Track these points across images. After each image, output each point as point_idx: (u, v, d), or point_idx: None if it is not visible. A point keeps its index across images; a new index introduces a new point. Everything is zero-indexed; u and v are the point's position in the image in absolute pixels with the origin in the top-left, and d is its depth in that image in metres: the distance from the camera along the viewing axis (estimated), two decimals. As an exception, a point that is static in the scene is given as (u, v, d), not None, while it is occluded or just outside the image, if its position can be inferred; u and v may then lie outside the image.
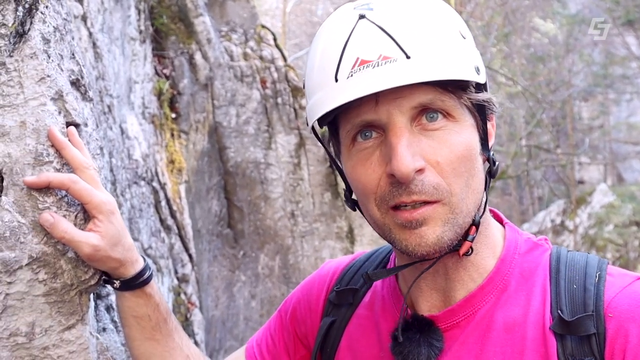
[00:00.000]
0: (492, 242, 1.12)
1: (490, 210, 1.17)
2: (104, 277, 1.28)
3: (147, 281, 1.27)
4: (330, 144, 1.17)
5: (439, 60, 0.99)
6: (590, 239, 19.09)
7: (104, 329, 1.51)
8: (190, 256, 3.78)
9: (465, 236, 1.06)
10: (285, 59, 4.93)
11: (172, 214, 3.56)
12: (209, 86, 4.19)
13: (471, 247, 1.07)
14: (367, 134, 1.06)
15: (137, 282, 1.26)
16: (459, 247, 1.06)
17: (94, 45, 2.36)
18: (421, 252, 1.03)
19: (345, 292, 1.26)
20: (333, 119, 1.08)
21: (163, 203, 3.36)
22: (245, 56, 4.53)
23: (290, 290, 4.92)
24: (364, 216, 1.13)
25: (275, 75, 4.67)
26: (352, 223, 4.90)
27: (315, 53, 1.09)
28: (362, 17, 1.01)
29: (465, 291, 1.11)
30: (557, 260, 1.09)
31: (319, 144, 4.99)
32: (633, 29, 18.99)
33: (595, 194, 20.24)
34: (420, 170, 1.00)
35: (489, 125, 1.10)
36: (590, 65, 20.66)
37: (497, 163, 1.08)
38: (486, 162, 1.10)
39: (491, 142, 1.10)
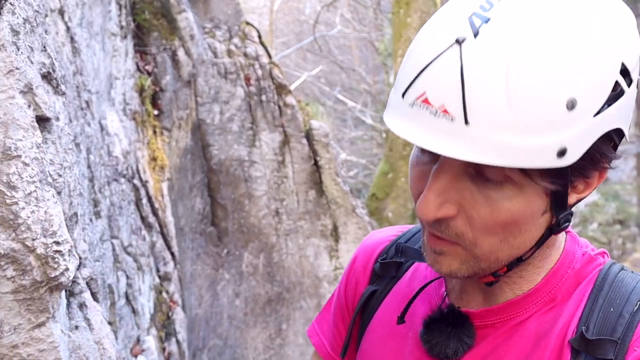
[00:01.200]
0: (550, 259, 1.07)
1: None
2: None
3: None
4: None
5: (502, 139, 0.84)
6: (575, 237, 19.20)
7: (77, 327, 1.48)
8: (172, 254, 3.75)
9: (494, 272, 1.02)
10: (270, 56, 4.90)
11: (154, 212, 3.52)
12: (192, 83, 4.15)
13: (495, 280, 1.04)
14: (423, 154, 1.00)
15: None
16: (483, 275, 1.03)
17: (72, 39, 2.32)
18: (439, 273, 1.03)
19: (390, 265, 1.24)
20: None
21: (144, 200, 3.33)
22: (229, 53, 4.50)
23: (275, 288, 4.89)
24: None
25: (260, 72, 4.64)
26: (337, 221, 4.89)
27: (419, 38, 0.94)
28: (459, 42, 0.85)
29: (507, 294, 1.08)
30: (604, 278, 1.05)
31: (304, 141, 4.97)
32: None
33: (580, 193, 20.34)
34: (449, 218, 0.95)
35: (580, 182, 0.97)
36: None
37: (565, 223, 0.98)
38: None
39: (577, 197, 0.99)
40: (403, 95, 0.90)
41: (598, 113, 0.87)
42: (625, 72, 0.90)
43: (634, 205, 20.00)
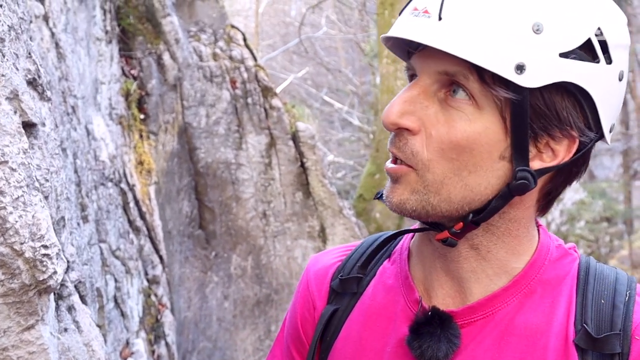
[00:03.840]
0: (518, 245, 1.07)
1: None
2: None
3: None
4: None
5: (467, 35, 0.92)
6: (562, 235, 19.35)
7: (66, 330, 1.50)
8: (160, 257, 3.76)
9: (449, 224, 1.03)
10: (255, 58, 4.92)
11: (142, 216, 3.54)
12: (177, 87, 4.17)
13: (448, 239, 1.03)
14: (409, 74, 1.05)
15: None
16: (441, 230, 1.04)
17: (57, 45, 2.34)
18: (390, 206, 1.03)
19: (350, 280, 1.20)
20: None
21: (132, 204, 3.34)
22: (215, 56, 4.52)
23: (263, 289, 4.91)
24: None
25: (245, 75, 4.66)
26: (324, 222, 4.91)
27: None
28: None
29: (481, 288, 1.07)
30: (586, 272, 1.07)
31: (290, 143, 4.99)
32: (601, 28, 19.23)
33: (566, 190, 20.50)
34: (411, 131, 0.99)
35: (547, 142, 0.99)
36: (561, 64, 20.85)
37: (523, 182, 0.99)
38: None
39: (542, 164, 1.00)
40: (400, 13, 1.00)
41: (564, 56, 0.94)
42: (602, 42, 0.96)
43: (620, 203, 20.16)
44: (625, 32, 1.01)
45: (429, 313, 1.07)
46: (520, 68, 0.93)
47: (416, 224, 1.12)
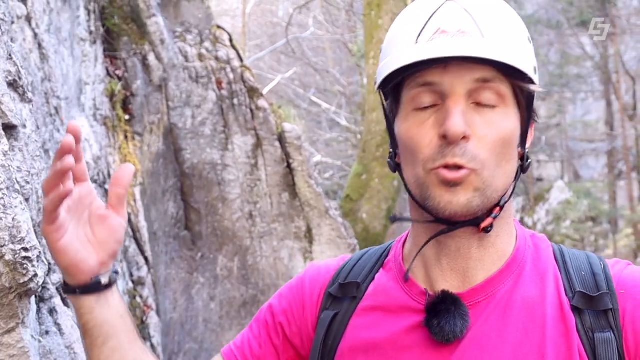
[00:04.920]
0: (511, 230, 1.23)
1: None
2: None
3: (110, 285, 1.32)
4: (390, 107, 1.27)
5: (509, 47, 1.13)
6: (548, 234, 19.45)
7: (47, 332, 1.49)
8: (146, 259, 3.74)
9: (489, 213, 1.17)
10: (241, 59, 4.92)
11: (127, 217, 3.52)
12: (163, 87, 4.15)
13: (492, 225, 1.17)
14: (425, 100, 1.17)
15: (101, 287, 1.31)
16: (482, 220, 1.17)
17: (40, 46, 2.32)
18: (450, 210, 1.14)
19: (350, 285, 1.30)
20: (400, 81, 1.19)
21: (116, 205, 3.33)
22: (201, 57, 4.51)
23: (250, 290, 4.91)
24: (402, 179, 1.24)
25: (232, 76, 4.66)
26: (311, 223, 4.91)
27: (398, 22, 1.22)
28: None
29: (485, 273, 1.19)
30: (561, 253, 1.23)
31: (276, 144, 4.99)
32: (587, 29, 19.39)
33: (552, 191, 20.62)
34: (465, 138, 1.12)
35: (530, 132, 1.22)
36: (547, 65, 21.04)
37: (529, 160, 1.21)
38: (520, 158, 1.22)
39: (528, 143, 1.22)
40: (417, 40, 1.14)
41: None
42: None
43: (605, 203, 20.31)
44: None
45: (440, 295, 1.17)
46: (535, 70, 1.17)
47: (423, 233, 1.24)
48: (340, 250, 5.03)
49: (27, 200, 1.36)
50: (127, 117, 3.78)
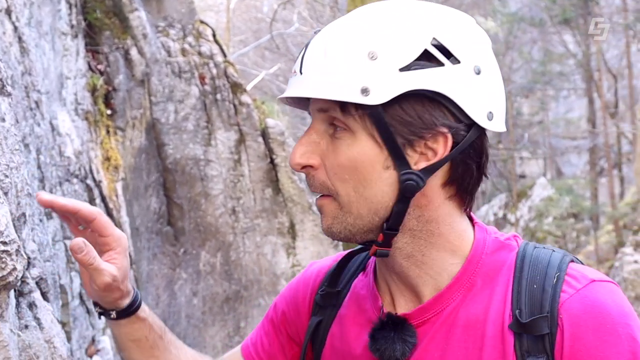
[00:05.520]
0: (446, 242, 1.20)
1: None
2: (99, 310, 1.35)
3: (139, 306, 1.36)
4: None
5: (319, 80, 1.12)
6: (530, 231, 19.60)
7: (27, 327, 1.48)
8: (128, 254, 3.73)
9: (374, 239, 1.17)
10: (224, 54, 4.90)
11: (108, 212, 3.50)
12: (145, 82, 4.14)
13: (379, 249, 1.17)
14: None
15: (131, 310, 1.35)
16: (369, 245, 1.19)
17: (20, 39, 2.31)
18: (323, 232, 1.18)
19: (330, 295, 1.35)
20: None
21: (98, 201, 3.31)
22: (184, 52, 4.49)
23: (233, 286, 4.91)
24: None
25: (214, 71, 4.65)
26: (294, 218, 4.92)
27: None
28: (314, 33, 1.19)
29: (432, 289, 1.19)
30: (522, 260, 1.18)
31: (259, 140, 4.99)
32: (569, 27, 19.54)
33: (535, 187, 20.78)
34: (311, 167, 1.15)
35: (424, 143, 1.13)
36: (530, 63, 21.16)
37: (409, 182, 1.13)
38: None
39: (427, 163, 1.13)
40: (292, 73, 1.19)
41: (405, 69, 1.11)
42: (441, 47, 1.13)
43: (587, 199, 20.49)
44: (470, 33, 1.17)
45: (384, 319, 1.19)
46: (364, 91, 1.10)
47: None
48: (323, 246, 5.05)
49: (5, 194, 1.35)
50: (109, 111, 3.76)
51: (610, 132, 19.84)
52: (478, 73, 1.14)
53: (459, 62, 1.12)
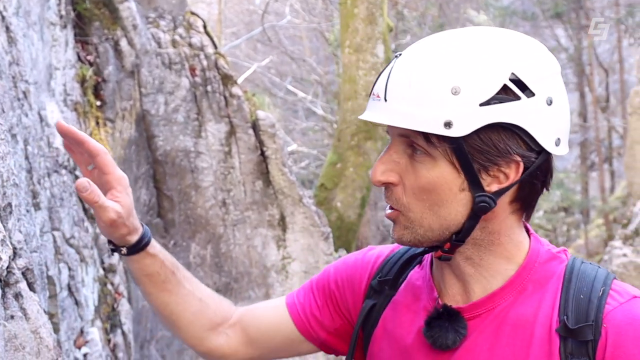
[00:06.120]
0: (504, 250, 1.31)
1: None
2: (111, 247, 1.47)
3: (148, 243, 1.46)
4: None
5: (404, 110, 1.21)
6: (521, 225, 19.62)
7: (12, 317, 1.48)
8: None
9: (441, 245, 1.30)
10: (215, 46, 4.89)
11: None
12: (135, 73, 4.12)
13: (444, 255, 1.30)
14: None
15: (140, 246, 1.44)
16: (436, 250, 1.31)
17: (7, 29, 2.29)
18: (394, 239, 1.32)
19: (386, 282, 1.46)
20: None
21: (87, 192, 3.30)
22: (174, 43, 4.47)
23: (223, 278, 4.91)
24: None
25: (205, 62, 4.63)
26: (284, 211, 4.92)
27: None
28: (396, 57, 1.27)
29: (482, 288, 1.32)
30: (571, 272, 1.29)
31: (250, 132, 4.98)
32: (561, 21, 19.57)
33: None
34: (392, 183, 1.27)
35: (497, 169, 1.23)
36: (522, 56, 21.10)
37: (483, 204, 1.24)
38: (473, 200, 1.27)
39: (499, 186, 1.25)
40: (370, 94, 1.29)
41: (485, 104, 1.19)
42: (518, 82, 1.21)
43: (577, 193, 20.57)
44: (544, 64, 1.25)
45: (440, 309, 1.32)
46: (447, 124, 1.19)
47: None
48: (313, 239, 5.05)
49: (-10, 183, 1.35)
50: (98, 103, 3.74)
51: (601, 126, 19.92)
52: (550, 104, 1.22)
53: (533, 94, 1.21)
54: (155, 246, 1.48)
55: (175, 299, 1.53)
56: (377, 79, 1.28)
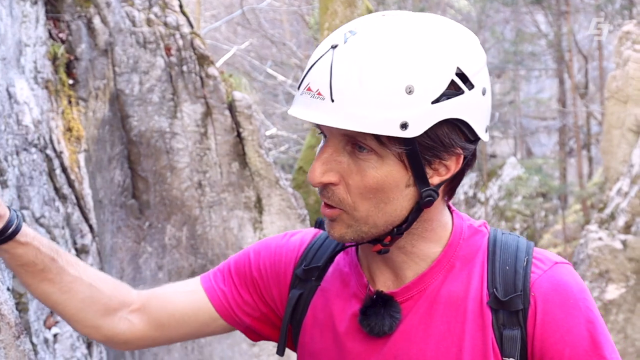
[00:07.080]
0: (433, 235, 1.33)
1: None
2: None
3: (17, 231, 1.32)
4: None
5: (356, 112, 1.15)
6: (500, 210, 19.83)
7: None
8: (90, 227, 3.68)
9: (380, 239, 1.29)
10: (191, 25, 4.83)
11: (70, 183, 3.45)
12: (109, 52, 4.06)
13: (383, 248, 1.30)
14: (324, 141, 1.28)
15: (7, 234, 1.31)
16: (376, 243, 1.31)
17: (-28, 2, 2.24)
18: (331, 238, 1.31)
19: (312, 270, 1.44)
20: None
21: (58, 171, 3.25)
22: (149, 22, 4.41)
23: (199, 260, 4.88)
24: None
25: (181, 42, 4.58)
26: (260, 193, 4.90)
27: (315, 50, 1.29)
28: (333, 47, 1.19)
29: (412, 272, 1.33)
30: (494, 244, 1.33)
31: (226, 112, 4.94)
32: (542, 7, 19.63)
33: (505, 167, 20.98)
34: (332, 184, 1.24)
35: (439, 162, 1.24)
36: (502, 42, 21.26)
37: (427, 198, 1.25)
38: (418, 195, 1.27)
39: (440, 178, 1.26)
40: (298, 88, 1.23)
41: (436, 101, 1.17)
42: (462, 76, 1.20)
43: (556, 179, 20.76)
44: (480, 55, 1.24)
45: (374, 296, 1.32)
46: (404, 126, 1.17)
47: None
48: (290, 221, 5.04)
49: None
50: (70, 81, 3.68)
51: (579, 112, 20.07)
52: (484, 94, 1.24)
53: (473, 86, 1.22)
54: (27, 234, 1.34)
55: (59, 287, 1.40)
56: (308, 70, 1.21)
